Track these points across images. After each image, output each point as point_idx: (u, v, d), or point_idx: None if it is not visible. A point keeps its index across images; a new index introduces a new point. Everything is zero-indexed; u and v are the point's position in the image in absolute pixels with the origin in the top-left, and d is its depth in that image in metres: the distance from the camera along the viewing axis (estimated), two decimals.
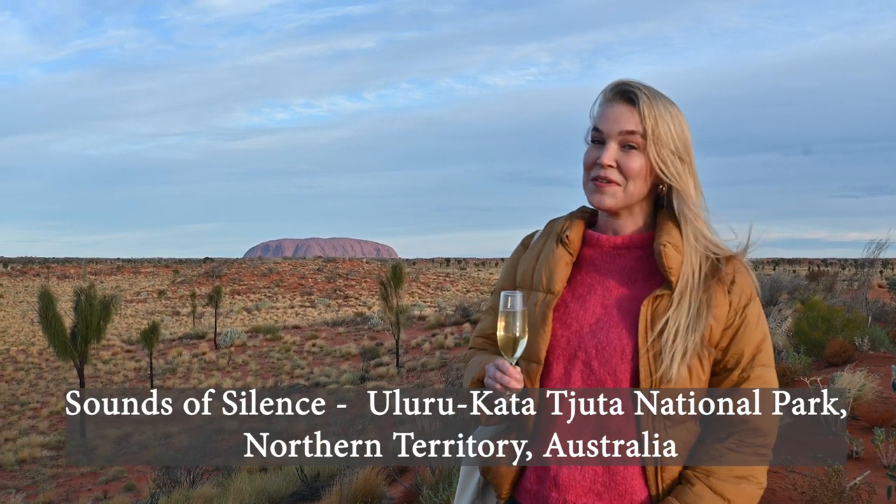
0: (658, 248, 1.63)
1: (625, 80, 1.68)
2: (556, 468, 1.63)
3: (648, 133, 1.63)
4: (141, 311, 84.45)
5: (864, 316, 11.91)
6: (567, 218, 1.79)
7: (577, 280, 1.72)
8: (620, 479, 1.59)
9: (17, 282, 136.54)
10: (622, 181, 1.64)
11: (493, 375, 1.61)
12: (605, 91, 1.69)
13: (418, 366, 33.83)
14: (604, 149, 1.64)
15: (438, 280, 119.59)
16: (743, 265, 1.66)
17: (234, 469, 13.60)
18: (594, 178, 1.66)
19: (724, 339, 1.62)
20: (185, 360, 44.34)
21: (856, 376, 6.56)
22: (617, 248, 1.72)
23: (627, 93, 1.65)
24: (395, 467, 7.94)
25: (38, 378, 41.37)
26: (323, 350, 44.53)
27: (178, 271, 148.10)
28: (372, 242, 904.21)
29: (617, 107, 1.65)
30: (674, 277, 1.61)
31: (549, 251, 1.74)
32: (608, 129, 1.64)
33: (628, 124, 1.63)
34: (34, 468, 22.02)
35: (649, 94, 1.65)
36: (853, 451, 5.31)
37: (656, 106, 1.64)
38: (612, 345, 1.61)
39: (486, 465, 1.76)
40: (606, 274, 1.70)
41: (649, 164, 1.64)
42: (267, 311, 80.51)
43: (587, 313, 1.66)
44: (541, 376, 1.67)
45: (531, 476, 1.69)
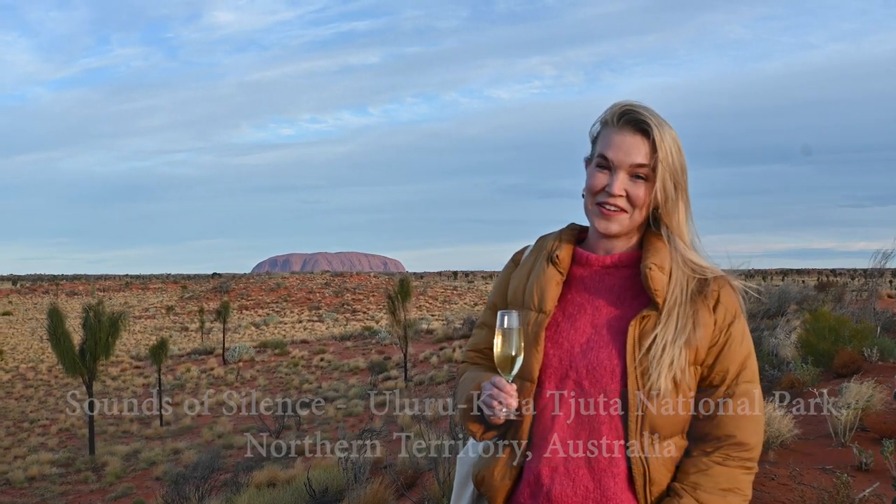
0: (644, 270, 1.66)
1: (631, 105, 1.68)
2: (549, 484, 1.66)
3: (658, 166, 1.65)
4: (149, 327, 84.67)
5: (873, 326, 11.84)
6: (557, 237, 1.81)
7: (568, 299, 1.75)
8: (611, 494, 1.62)
9: (26, 299, 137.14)
10: (629, 209, 1.68)
11: (490, 392, 1.63)
12: (611, 115, 1.69)
13: (426, 379, 33.75)
14: (613, 177, 1.66)
15: (446, 293, 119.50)
16: (728, 283, 1.70)
17: (243, 484, 13.60)
18: (600, 203, 1.68)
19: (709, 356, 1.66)
20: (194, 375, 44.36)
21: (864, 387, 6.53)
22: (606, 268, 1.75)
23: (638, 122, 1.66)
24: (404, 481, 7.94)
25: (48, 395, 41.44)
26: (331, 364, 44.48)
27: (186, 287, 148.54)
28: (379, 256, 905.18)
29: (628, 137, 1.66)
30: (660, 299, 1.64)
31: (540, 270, 1.77)
32: (619, 159, 1.66)
33: (639, 157, 1.65)
34: (43, 485, 22.02)
35: (657, 123, 1.66)
36: (862, 462, 5.28)
37: (665, 137, 1.65)
38: (602, 365, 1.64)
39: (480, 479, 1.78)
40: (596, 293, 1.73)
41: (653, 193, 1.68)
42: (275, 325, 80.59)
43: (578, 333, 1.69)
44: (534, 395, 1.70)
45: (524, 491, 1.71)
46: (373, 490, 7.24)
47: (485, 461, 1.79)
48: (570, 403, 1.66)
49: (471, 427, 1.75)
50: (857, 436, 6.00)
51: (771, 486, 4.90)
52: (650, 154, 1.65)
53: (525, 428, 1.70)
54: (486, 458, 1.79)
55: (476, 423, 1.75)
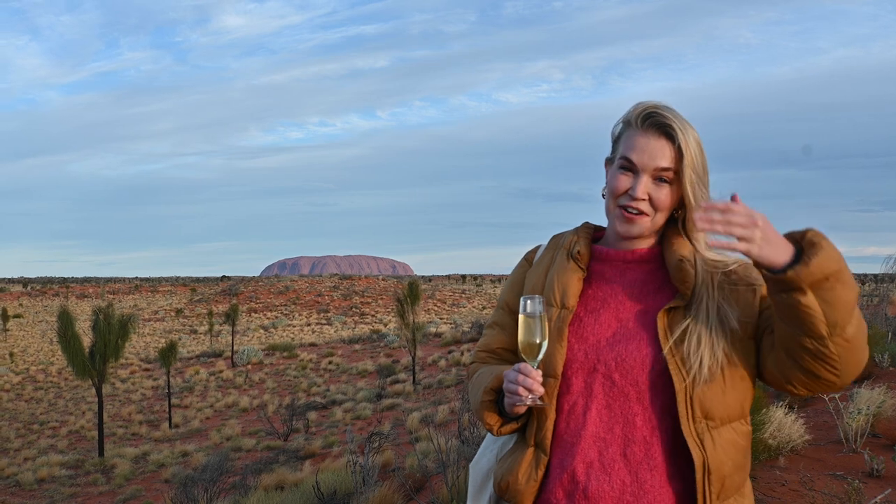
0: (675, 263, 1.65)
1: (655, 106, 1.66)
2: (585, 480, 1.62)
3: (683, 170, 1.63)
4: (159, 330, 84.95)
5: (884, 332, 11.78)
6: (574, 233, 1.81)
7: (589, 294, 1.73)
8: (649, 487, 1.58)
9: (36, 301, 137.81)
10: (651, 212, 1.66)
11: (515, 379, 1.60)
12: (635, 117, 1.67)
13: (434, 383, 33.73)
14: (637, 180, 1.65)
15: (454, 297, 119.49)
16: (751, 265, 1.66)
17: (251, 487, 13.62)
18: (623, 206, 1.67)
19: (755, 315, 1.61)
20: (203, 378, 44.50)
21: (875, 393, 6.49)
22: (626, 263, 1.74)
23: (663, 126, 1.64)
24: (412, 485, 7.93)
25: (58, 397, 41.65)
26: (339, 367, 44.54)
27: (195, 290, 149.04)
28: (388, 259, 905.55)
29: (652, 140, 1.64)
30: (688, 290, 1.63)
31: (560, 267, 1.75)
32: (643, 163, 1.64)
33: (664, 161, 1.63)
34: (53, 487, 22.10)
35: (681, 127, 1.64)
36: (873, 469, 5.25)
37: (689, 142, 1.63)
38: (632, 356, 1.62)
39: (504, 486, 1.73)
40: (617, 287, 1.72)
41: (677, 196, 1.67)
42: (283, 328, 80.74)
43: (602, 327, 1.68)
44: (559, 390, 1.67)
45: (557, 491, 1.66)
46: (381, 493, 7.23)
47: (507, 466, 1.74)
48: (600, 397, 1.63)
49: (488, 419, 1.71)
50: (868, 442, 5.97)
51: (782, 492, 4.87)
52: (674, 158, 1.63)
53: (549, 426, 1.67)
54: (507, 462, 1.75)
55: (495, 414, 1.71)
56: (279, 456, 21.23)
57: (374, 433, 10.91)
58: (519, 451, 1.73)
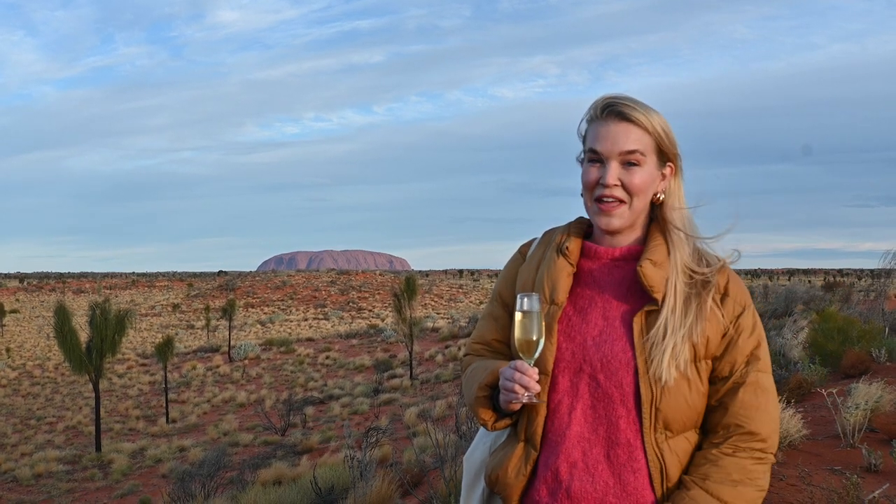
0: (637, 269, 1.65)
1: (612, 97, 1.68)
2: (568, 480, 1.63)
3: (651, 147, 1.65)
4: (155, 325, 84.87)
5: (881, 327, 11.80)
6: (565, 229, 1.80)
7: (577, 292, 1.73)
8: (631, 489, 1.60)
9: (33, 297, 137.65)
10: (627, 198, 1.66)
11: (512, 377, 1.60)
12: (593, 109, 1.69)
13: (432, 378, 33.73)
14: (606, 169, 1.65)
15: (451, 291, 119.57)
16: (735, 274, 1.69)
17: (249, 482, 13.63)
18: (598, 198, 1.67)
19: (719, 349, 1.64)
20: (200, 373, 44.44)
21: (872, 388, 6.49)
22: (615, 261, 1.73)
23: (621, 112, 1.65)
24: (410, 480, 7.93)
25: (54, 392, 41.57)
26: (336, 362, 44.53)
27: (192, 285, 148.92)
28: (385, 254, 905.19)
29: (612, 126, 1.65)
30: (658, 294, 1.63)
31: (551, 262, 1.75)
32: (607, 149, 1.65)
33: (627, 143, 1.64)
34: (50, 482, 22.08)
35: (643, 110, 1.65)
36: (871, 463, 5.25)
37: (651, 119, 1.65)
38: (616, 358, 1.62)
39: (494, 479, 1.75)
40: (606, 286, 1.71)
41: (650, 178, 1.67)
42: (280, 323, 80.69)
43: (590, 326, 1.67)
44: (548, 388, 1.68)
45: (541, 488, 1.68)
46: (378, 488, 7.23)
47: (498, 459, 1.75)
48: (586, 397, 1.64)
49: (483, 415, 1.71)
50: (865, 437, 5.97)
51: (780, 487, 4.88)
52: (639, 139, 1.64)
53: (539, 422, 1.68)
54: (498, 455, 1.76)
55: (490, 409, 1.71)
56: (276, 451, 21.27)
57: (372, 428, 10.90)
58: (510, 446, 1.74)
